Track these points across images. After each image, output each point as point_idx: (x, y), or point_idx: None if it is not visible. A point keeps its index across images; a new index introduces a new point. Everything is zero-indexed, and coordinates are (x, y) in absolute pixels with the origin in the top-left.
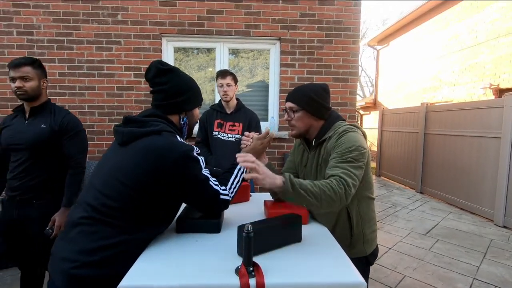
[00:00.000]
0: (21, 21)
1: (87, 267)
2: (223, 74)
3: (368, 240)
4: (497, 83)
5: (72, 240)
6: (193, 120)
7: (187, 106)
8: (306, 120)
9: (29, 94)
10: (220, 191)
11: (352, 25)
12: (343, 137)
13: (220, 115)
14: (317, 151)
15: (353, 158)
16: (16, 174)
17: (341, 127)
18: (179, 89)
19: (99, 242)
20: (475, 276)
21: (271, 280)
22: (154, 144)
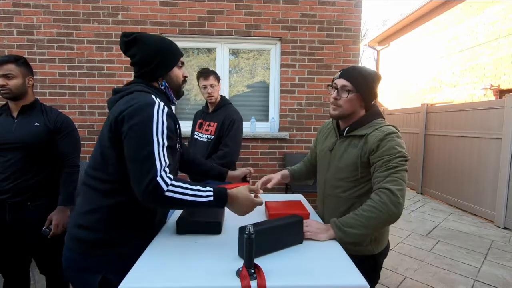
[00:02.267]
0: (21, 21)
1: (82, 229)
2: (205, 75)
3: (376, 239)
4: (497, 84)
5: (77, 204)
6: (175, 82)
7: (159, 72)
8: (355, 104)
9: (14, 92)
10: (159, 168)
11: (352, 25)
12: (384, 145)
13: (202, 115)
14: (348, 142)
15: (397, 163)
16: (8, 176)
17: (381, 127)
18: (147, 59)
19: (88, 206)
20: (476, 277)
21: (272, 283)
22: (123, 101)
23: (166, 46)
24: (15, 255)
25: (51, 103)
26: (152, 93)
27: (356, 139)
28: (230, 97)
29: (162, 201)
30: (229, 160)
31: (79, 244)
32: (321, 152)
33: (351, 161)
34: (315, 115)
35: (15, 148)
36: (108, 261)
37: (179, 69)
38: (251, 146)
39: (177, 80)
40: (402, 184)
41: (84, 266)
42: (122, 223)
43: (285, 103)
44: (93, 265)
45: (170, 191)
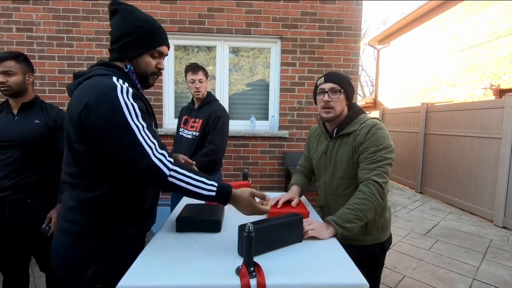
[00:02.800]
0: (20, 18)
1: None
2: (194, 69)
3: (382, 227)
4: (497, 83)
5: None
6: (141, 69)
7: (126, 53)
8: (343, 103)
9: (14, 89)
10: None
11: (353, 24)
12: (372, 135)
13: (188, 111)
14: (339, 141)
15: (382, 156)
16: (8, 173)
17: (366, 120)
18: (119, 34)
19: (70, 202)
20: (474, 276)
21: (272, 281)
22: (78, 90)
23: (147, 28)
24: (14, 253)
25: (51, 100)
26: (114, 75)
27: (346, 137)
28: (230, 95)
29: (164, 185)
30: (215, 158)
31: (68, 236)
32: (317, 158)
33: (345, 158)
34: (315, 114)
35: (15, 145)
36: (98, 254)
37: (153, 58)
38: (250, 145)
39: (145, 68)
40: (386, 178)
41: (73, 258)
42: (106, 217)
43: (285, 101)
44: (83, 257)
45: (173, 177)
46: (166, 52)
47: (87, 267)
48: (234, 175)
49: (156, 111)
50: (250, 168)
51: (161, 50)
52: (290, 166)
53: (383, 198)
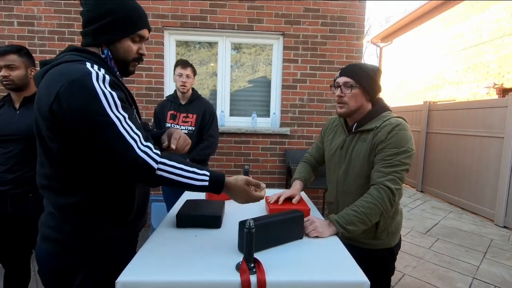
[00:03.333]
0: (22, 12)
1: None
2: (184, 64)
3: (392, 232)
4: (501, 82)
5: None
6: (121, 56)
7: (101, 37)
8: (359, 98)
9: (16, 83)
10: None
11: (356, 21)
12: (393, 136)
13: (173, 106)
14: (358, 137)
15: (400, 161)
16: (9, 167)
17: (390, 118)
18: (94, 15)
19: (48, 208)
20: (474, 275)
21: (272, 277)
22: (45, 79)
23: (126, 9)
24: (15, 247)
25: None
26: (87, 61)
27: (365, 134)
28: (232, 92)
29: (153, 180)
30: (214, 150)
31: (51, 243)
32: (331, 151)
33: (362, 156)
34: (317, 111)
35: (17, 139)
36: (85, 261)
37: (134, 43)
38: (251, 141)
39: (124, 54)
40: (400, 184)
41: (58, 267)
42: (91, 222)
43: (287, 98)
44: (68, 266)
45: (161, 170)
46: (147, 35)
47: (74, 275)
48: (234, 172)
49: None
50: (251, 165)
51: (143, 34)
52: (291, 163)
53: (392, 205)
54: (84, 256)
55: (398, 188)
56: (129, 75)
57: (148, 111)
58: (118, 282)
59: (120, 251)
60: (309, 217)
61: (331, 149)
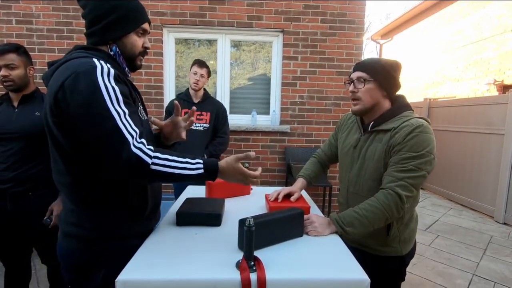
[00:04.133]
0: (20, 10)
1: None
2: (201, 64)
3: (405, 239)
4: (501, 79)
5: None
6: (129, 50)
7: (109, 35)
8: (375, 94)
9: (17, 83)
10: (130, 140)
11: (356, 17)
12: (411, 138)
13: (186, 105)
14: (373, 137)
15: (416, 166)
16: (9, 165)
17: (410, 119)
18: (98, 14)
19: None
20: (474, 272)
21: (272, 275)
22: (55, 75)
23: (128, 4)
24: (16, 245)
25: None
26: (94, 57)
27: (382, 134)
28: (231, 89)
29: (148, 175)
30: (227, 147)
31: (73, 239)
32: (344, 149)
33: (376, 157)
34: (317, 109)
35: (16, 137)
36: (107, 256)
37: (139, 37)
38: (251, 139)
39: (132, 48)
40: (413, 192)
41: (80, 263)
42: (111, 218)
43: (287, 96)
44: (91, 261)
45: (155, 164)
46: (149, 29)
47: (97, 270)
48: None
49: (156, 105)
50: (251, 163)
51: (145, 27)
52: (291, 161)
53: (399, 212)
54: (105, 252)
55: (409, 196)
56: (137, 69)
57: (148, 109)
58: (118, 281)
59: (136, 246)
60: (309, 215)
61: (344, 148)
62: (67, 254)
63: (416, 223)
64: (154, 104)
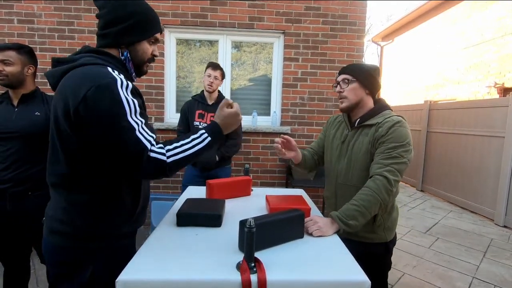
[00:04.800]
0: (21, 9)
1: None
2: (215, 67)
3: (389, 227)
4: (502, 82)
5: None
6: (139, 57)
7: (124, 39)
8: (358, 92)
9: (10, 79)
10: (149, 146)
11: (357, 19)
12: (393, 131)
13: (201, 106)
14: (359, 132)
15: (399, 154)
16: (8, 165)
17: (391, 116)
18: (116, 16)
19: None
20: (474, 275)
21: (273, 277)
22: (69, 79)
23: (146, 12)
24: (15, 245)
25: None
26: (108, 65)
27: (367, 128)
28: (232, 90)
29: (170, 170)
30: (239, 148)
31: (59, 237)
32: (332, 146)
33: (363, 150)
34: (317, 110)
35: (15, 137)
36: (96, 255)
37: (150, 45)
38: (252, 140)
39: (142, 55)
40: (398, 176)
41: (69, 259)
42: (102, 218)
43: (287, 97)
44: (80, 258)
45: (170, 157)
46: (159, 38)
47: (85, 267)
48: (235, 171)
49: (157, 105)
50: (251, 164)
51: (157, 37)
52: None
53: (389, 195)
54: (94, 250)
55: (396, 180)
56: (143, 75)
57: (148, 110)
58: (119, 281)
59: (124, 246)
60: (311, 216)
61: (332, 144)
62: (53, 251)
63: (397, 213)
64: (155, 104)
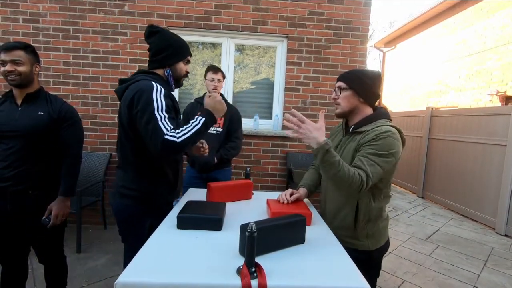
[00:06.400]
0: (27, 8)
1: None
2: (216, 70)
3: (373, 235)
4: (504, 90)
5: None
6: (177, 72)
7: (168, 61)
8: (351, 100)
9: (21, 79)
10: (166, 132)
11: (361, 25)
12: (381, 139)
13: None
14: (352, 138)
15: (378, 163)
16: (10, 163)
17: (383, 125)
18: (161, 47)
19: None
20: (475, 284)
21: (273, 282)
22: (128, 90)
23: (179, 43)
24: (14, 244)
25: (55, 92)
26: (153, 80)
27: (357, 135)
28: (234, 93)
29: (181, 148)
30: (239, 151)
31: (130, 199)
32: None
33: (349, 155)
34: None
35: (18, 135)
36: (153, 212)
37: (185, 64)
38: (253, 143)
39: (180, 72)
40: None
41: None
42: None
43: (289, 101)
44: (143, 213)
45: (180, 137)
46: (190, 60)
47: (145, 220)
48: (235, 173)
49: None
50: (252, 167)
51: (189, 59)
52: (292, 166)
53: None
54: (152, 208)
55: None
56: (180, 86)
57: None
58: (118, 283)
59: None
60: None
61: None
62: (124, 209)
63: (386, 221)
64: None
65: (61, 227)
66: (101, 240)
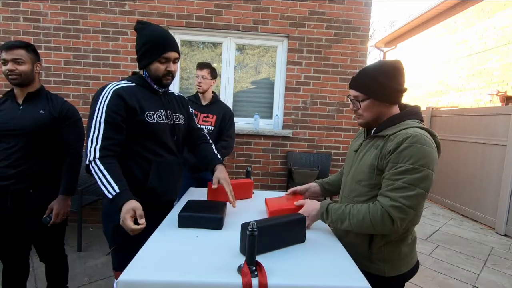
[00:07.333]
0: (28, 7)
1: None
2: (201, 66)
3: (392, 260)
4: (504, 90)
5: None
6: (153, 74)
7: (141, 63)
8: (374, 108)
9: (22, 78)
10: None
11: (361, 25)
12: (404, 148)
13: (195, 106)
14: (372, 142)
15: (409, 183)
16: (11, 162)
17: (408, 128)
18: (136, 49)
19: None
20: (474, 283)
21: (274, 281)
22: None
23: (151, 41)
24: (15, 242)
25: (55, 91)
26: (130, 81)
27: (380, 140)
28: (235, 92)
29: (88, 168)
30: (231, 151)
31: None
32: (348, 154)
33: (369, 162)
34: (319, 114)
35: (19, 134)
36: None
37: (161, 64)
38: (253, 143)
39: (155, 72)
40: (407, 213)
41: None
42: None
43: (290, 100)
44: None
45: (91, 166)
46: (172, 56)
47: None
48: (236, 173)
49: None
50: (252, 166)
51: (167, 56)
52: (293, 165)
53: (391, 231)
54: None
55: (402, 218)
56: (166, 86)
57: None
58: (119, 281)
59: None
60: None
61: (349, 152)
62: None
63: (411, 246)
64: None
65: (62, 226)
66: (101, 239)
